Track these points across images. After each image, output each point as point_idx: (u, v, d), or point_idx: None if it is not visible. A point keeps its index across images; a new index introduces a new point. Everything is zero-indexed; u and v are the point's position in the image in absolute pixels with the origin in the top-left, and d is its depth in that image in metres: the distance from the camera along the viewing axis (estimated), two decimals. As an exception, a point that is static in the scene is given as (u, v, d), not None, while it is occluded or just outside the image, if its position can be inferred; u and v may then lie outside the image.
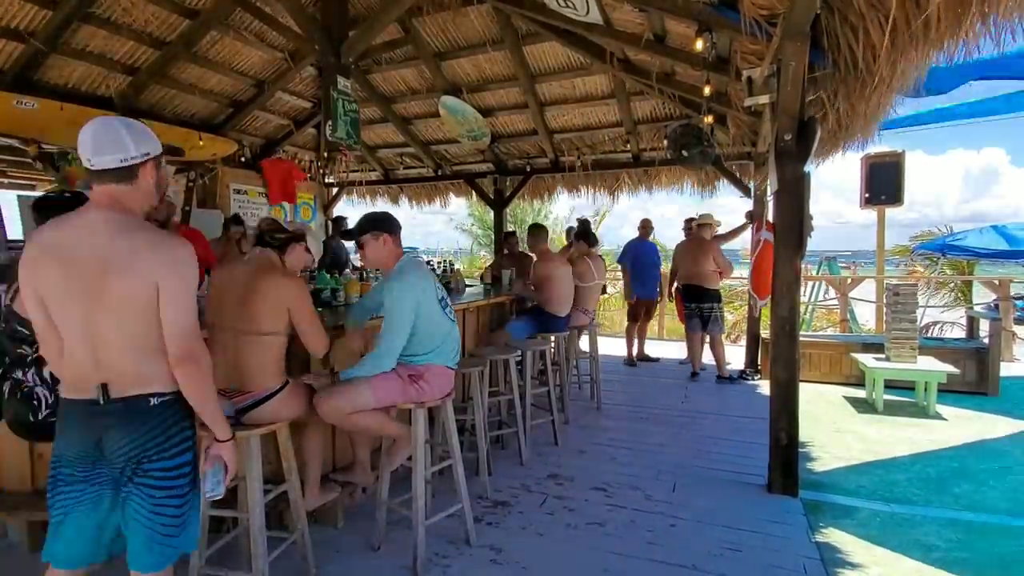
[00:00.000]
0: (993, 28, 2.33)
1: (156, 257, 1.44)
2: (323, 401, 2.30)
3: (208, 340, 2.16)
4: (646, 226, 6.67)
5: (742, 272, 8.45)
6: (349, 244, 6.43)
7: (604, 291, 6.39)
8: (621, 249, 7.02)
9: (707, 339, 5.92)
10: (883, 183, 6.79)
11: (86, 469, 1.49)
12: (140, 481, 1.48)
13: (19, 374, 1.87)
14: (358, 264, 5.46)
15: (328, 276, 3.78)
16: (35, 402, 1.87)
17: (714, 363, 5.88)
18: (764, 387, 5.36)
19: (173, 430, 1.52)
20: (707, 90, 4.44)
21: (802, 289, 5.01)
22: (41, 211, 2.10)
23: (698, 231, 5.94)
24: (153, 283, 1.43)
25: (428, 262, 5.77)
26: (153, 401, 1.49)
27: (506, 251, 6.16)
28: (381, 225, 2.45)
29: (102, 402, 1.45)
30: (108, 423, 1.46)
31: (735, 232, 6.09)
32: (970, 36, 2.40)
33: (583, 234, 5.00)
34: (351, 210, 11.38)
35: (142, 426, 1.47)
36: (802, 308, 5.60)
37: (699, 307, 5.79)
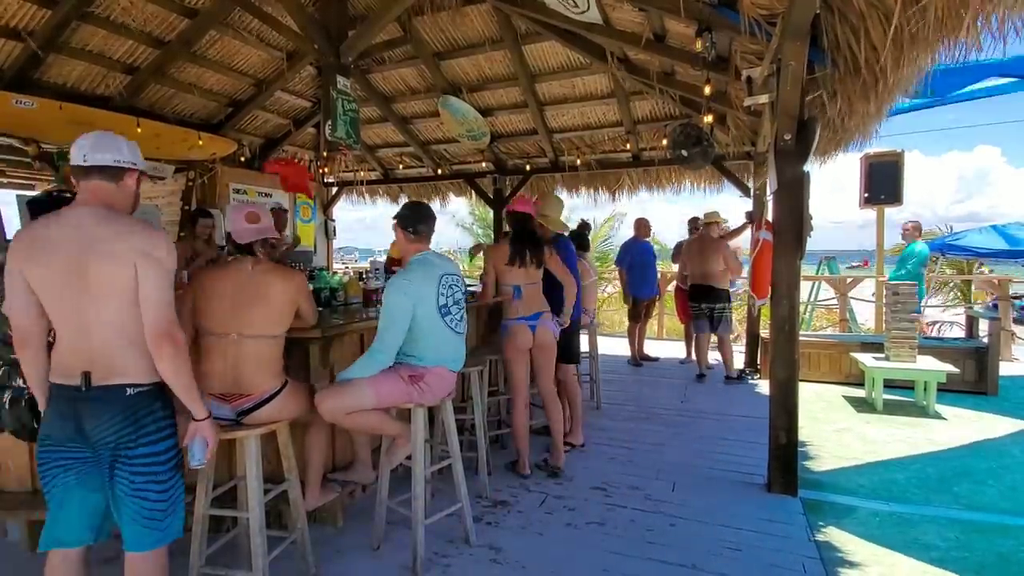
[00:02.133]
0: (995, 27, 2.33)
1: (133, 241, 1.56)
2: (323, 400, 2.29)
3: (201, 346, 2.15)
4: (643, 225, 6.61)
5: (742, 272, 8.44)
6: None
7: None
8: (618, 251, 6.99)
9: (713, 339, 5.87)
10: (883, 183, 6.78)
11: (70, 449, 1.58)
12: (122, 466, 1.59)
13: (20, 381, 1.85)
14: None
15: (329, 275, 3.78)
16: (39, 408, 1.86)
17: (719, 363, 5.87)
18: (764, 387, 5.36)
19: (148, 419, 1.61)
20: (707, 90, 4.44)
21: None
22: (34, 210, 2.12)
23: (705, 229, 5.89)
24: (131, 265, 1.54)
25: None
26: (129, 391, 1.58)
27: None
28: (403, 219, 2.52)
29: (83, 389, 1.55)
30: (87, 409, 1.56)
31: (735, 232, 6.08)
32: (971, 36, 2.39)
33: (577, 237, 5.00)
34: (351, 209, 11.36)
35: (119, 414, 1.56)
36: (801, 308, 5.60)
37: (709, 308, 5.71)
